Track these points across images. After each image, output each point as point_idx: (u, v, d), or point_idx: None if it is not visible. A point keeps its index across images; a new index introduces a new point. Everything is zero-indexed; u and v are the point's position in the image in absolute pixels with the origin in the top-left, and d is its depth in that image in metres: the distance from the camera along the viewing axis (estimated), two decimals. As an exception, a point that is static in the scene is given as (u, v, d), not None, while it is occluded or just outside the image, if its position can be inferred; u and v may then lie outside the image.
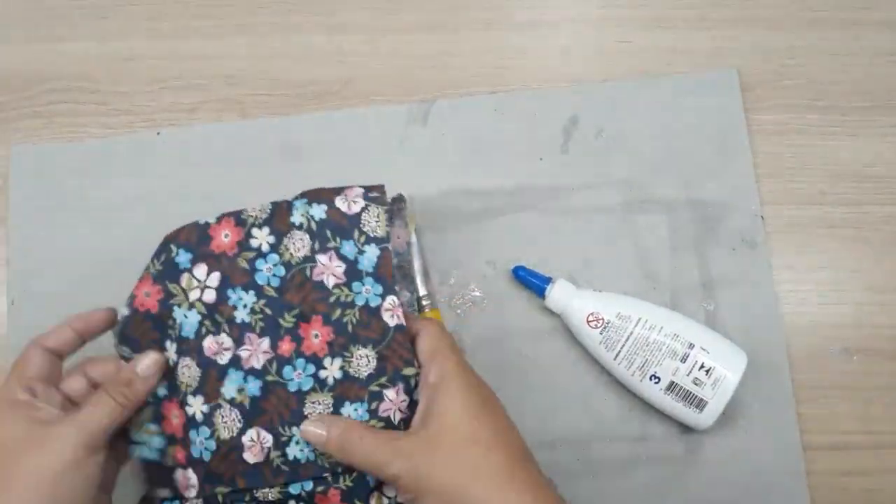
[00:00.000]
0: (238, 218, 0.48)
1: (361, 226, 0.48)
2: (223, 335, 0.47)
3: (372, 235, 0.47)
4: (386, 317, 0.46)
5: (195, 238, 0.48)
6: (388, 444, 0.42)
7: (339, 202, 0.48)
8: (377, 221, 0.48)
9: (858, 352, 0.55)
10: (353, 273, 0.47)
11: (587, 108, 0.59)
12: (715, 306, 0.55)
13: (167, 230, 0.58)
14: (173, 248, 0.48)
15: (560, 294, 0.53)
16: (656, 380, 0.51)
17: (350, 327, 0.46)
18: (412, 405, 0.45)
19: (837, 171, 0.58)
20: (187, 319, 0.47)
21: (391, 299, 0.47)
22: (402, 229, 0.52)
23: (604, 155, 0.58)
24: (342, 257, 0.47)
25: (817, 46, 0.60)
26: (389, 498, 0.46)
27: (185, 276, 0.47)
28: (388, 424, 0.45)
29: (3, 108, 0.62)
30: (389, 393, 0.45)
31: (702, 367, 0.50)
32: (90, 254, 0.58)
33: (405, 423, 0.45)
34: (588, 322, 0.52)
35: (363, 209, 0.48)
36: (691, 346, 0.51)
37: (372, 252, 0.47)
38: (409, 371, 0.45)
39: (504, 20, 0.62)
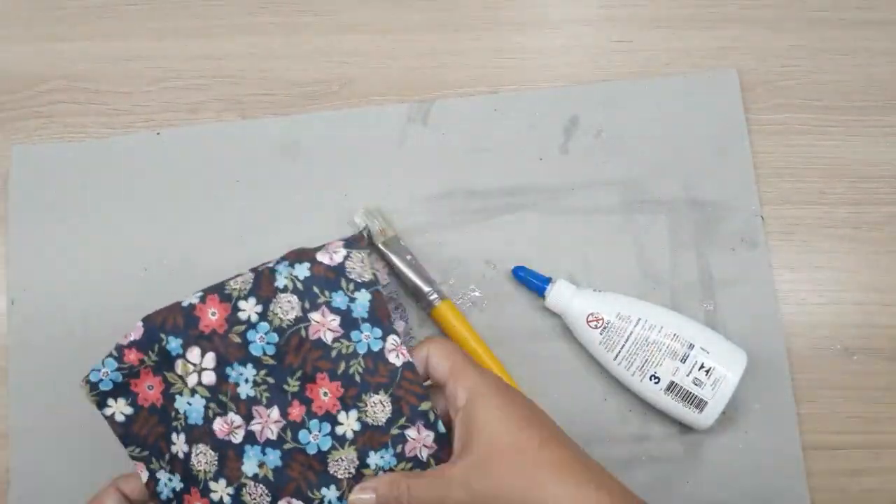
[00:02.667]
0: (222, 293, 0.46)
1: (347, 273, 0.46)
2: (231, 414, 0.45)
3: (360, 281, 0.46)
4: (391, 357, 0.45)
5: (182, 321, 0.46)
6: (438, 480, 0.41)
7: (321, 256, 0.47)
8: (362, 266, 0.46)
9: (858, 352, 0.55)
10: (349, 323, 0.46)
11: (587, 108, 0.59)
12: (715, 306, 0.55)
13: (167, 230, 0.58)
14: (162, 336, 0.46)
15: (560, 294, 0.54)
16: (656, 380, 0.51)
17: (358, 377, 0.45)
18: (438, 438, 0.44)
19: (837, 171, 0.58)
20: (191, 406, 0.46)
21: (392, 339, 0.45)
22: (378, 262, 0.51)
23: (604, 155, 0.58)
24: (335, 310, 0.46)
25: (817, 46, 0.60)
26: None
27: (180, 362, 0.46)
28: (416, 464, 0.44)
29: (3, 108, 0.62)
30: (411, 432, 0.44)
31: (702, 367, 0.50)
32: (90, 254, 0.58)
33: (436, 460, 0.44)
34: (588, 322, 0.52)
35: (346, 258, 0.46)
36: (691, 346, 0.51)
37: (363, 297, 0.46)
38: (425, 406, 0.44)
39: (504, 20, 0.62)
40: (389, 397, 0.45)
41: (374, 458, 0.44)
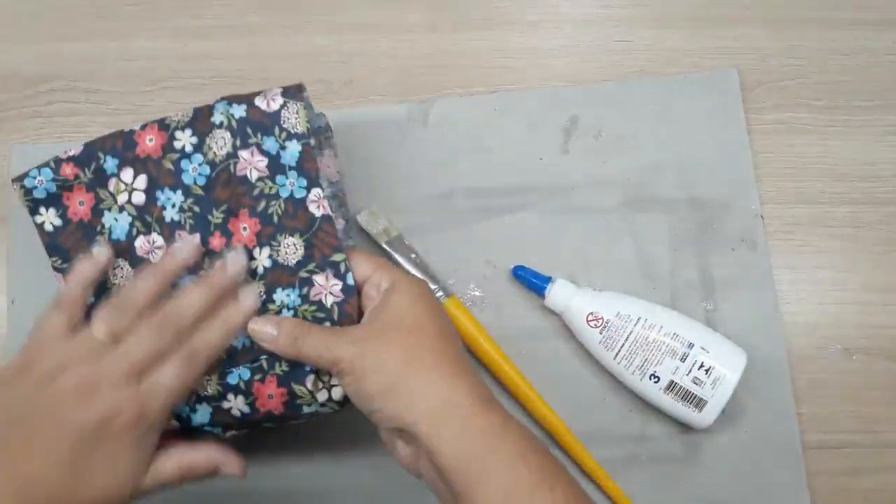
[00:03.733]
0: (161, 123, 0.49)
1: (281, 122, 0.48)
2: (154, 234, 0.48)
3: (292, 132, 0.48)
4: (312, 208, 0.47)
5: (121, 144, 0.49)
6: (337, 333, 0.44)
7: (259, 101, 0.48)
8: (296, 118, 0.48)
9: (858, 352, 0.55)
10: (276, 167, 0.48)
11: (587, 108, 0.59)
12: (715, 306, 0.55)
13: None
14: (100, 155, 0.49)
15: (560, 294, 0.53)
16: (656, 379, 0.51)
17: (276, 218, 0.47)
18: (345, 289, 0.46)
19: (837, 170, 0.58)
20: (117, 222, 0.48)
21: (316, 191, 0.48)
22: (332, 158, 0.52)
23: (604, 155, 0.58)
24: (264, 152, 0.48)
25: (817, 46, 0.60)
26: (324, 381, 0.46)
27: (113, 180, 0.49)
28: (319, 308, 0.46)
29: (3, 108, 0.62)
30: (319, 278, 0.47)
31: (701, 366, 0.50)
32: (90, 254, 0.58)
33: (339, 307, 0.46)
34: (588, 322, 0.52)
35: (282, 106, 0.48)
36: (691, 345, 0.51)
37: (293, 147, 0.48)
38: (337, 257, 0.47)
39: (504, 20, 0.62)
40: (303, 242, 0.47)
41: (280, 295, 0.47)
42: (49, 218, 0.50)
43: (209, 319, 0.44)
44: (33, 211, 0.50)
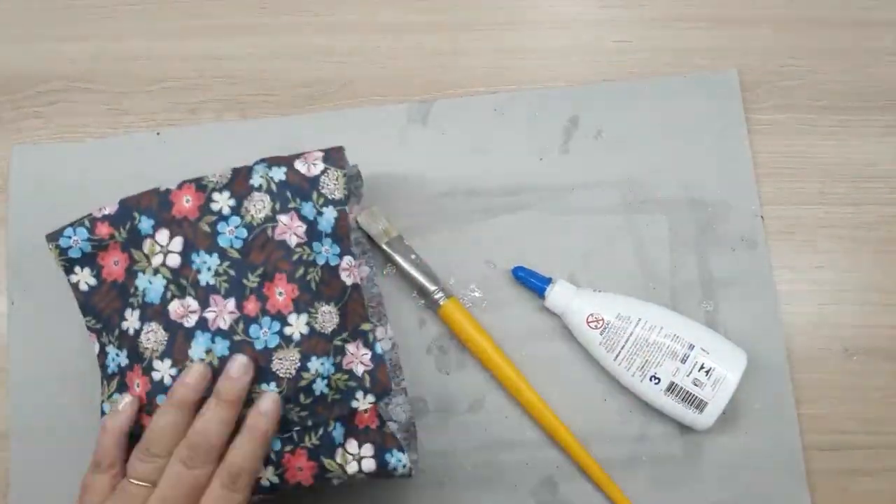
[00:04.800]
0: (199, 184, 0.49)
1: (320, 188, 0.49)
2: (189, 298, 0.47)
3: (330, 197, 0.49)
4: (343, 276, 0.48)
5: (156, 204, 0.49)
6: None
7: (299, 165, 0.49)
8: (335, 184, 0.49)
9: (858, 352, 0.55)
10: (313, 233, 0.48)
11: (587, 108, 0.59)
12: (715, 306, 0.55)
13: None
14: (136, 214, 0.48)
15: (560, 294, 0.53)
16: (656, 380, 0.51)
17: (314, 285, 0.47)
18: (374, 358, 0.48)
19: (837, 171, 0.58)
20: (151, 286, 0.48)
21: (348, 259, 0.49)
22: (355, 206, 0.53)
23: (604, 155, 0.58)
24: (302, 218, 0.48)
25: (817, 46, 0.60)
26: (352, 455, 0.47)
27: (148, 241, 0.48)
28: (351, 377, 0.48)
29: (3, 108, 0.62)
30: (350, 347, 0.48)
31: (702, 367, 0.50)
32: (90, 254, 0.58)
33: (370, 376, 0.48)
34: (588, 323, 0.52)
35: (322, 172, 0.49)
36: (691, 346, 0.51)
37: (330, 213, 0.49)
38: (365, 326, 0.48)
39: (504, 20, 0.62)
40: (338, 310, 0.48)
41: (314, 364, 0.47)
42: (84, 277, 0.49)
43: (238, 437, 0.44)
44: (68, 270, 0.50)
